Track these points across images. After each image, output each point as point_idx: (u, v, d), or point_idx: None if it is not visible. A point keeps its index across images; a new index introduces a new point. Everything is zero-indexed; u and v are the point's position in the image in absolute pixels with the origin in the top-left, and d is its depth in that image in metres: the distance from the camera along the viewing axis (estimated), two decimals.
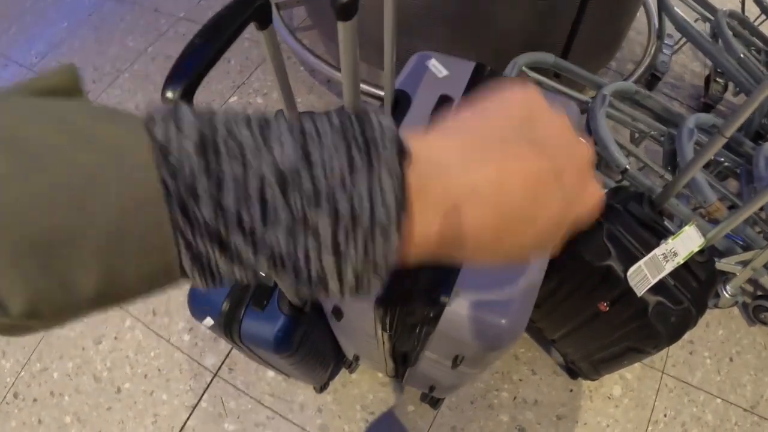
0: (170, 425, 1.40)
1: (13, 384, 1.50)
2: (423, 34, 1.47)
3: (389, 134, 0.24)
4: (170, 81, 0.45)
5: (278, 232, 0.22)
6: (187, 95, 0.46)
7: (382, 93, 1.71)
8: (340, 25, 0.56)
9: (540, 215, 0.26)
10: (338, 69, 1.78)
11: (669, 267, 0.98)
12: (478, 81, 0.86)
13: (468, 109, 0.28)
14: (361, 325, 0.85)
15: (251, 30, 2.03)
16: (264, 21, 0.55)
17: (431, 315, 0.69)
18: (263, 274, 0.24)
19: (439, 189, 0.25)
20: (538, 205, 0.26)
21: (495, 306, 0.67)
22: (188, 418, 1.40)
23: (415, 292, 0.69)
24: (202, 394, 1.43)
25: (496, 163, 0.25)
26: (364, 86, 1.72)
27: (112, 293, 0.22)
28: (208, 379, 1.45)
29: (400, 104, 0.83)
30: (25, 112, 0.21)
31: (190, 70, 0.45)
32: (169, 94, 0.45)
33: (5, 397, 1.48)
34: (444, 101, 0.82)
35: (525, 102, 0.27)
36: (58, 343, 1.55)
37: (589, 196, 0.28)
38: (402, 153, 0.24)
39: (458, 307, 0.68)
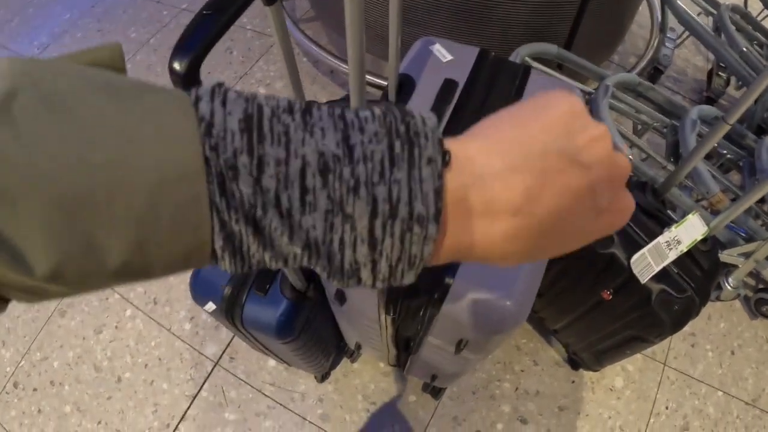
0: (170, 414, 1.40)
1: (12, 373, 1.50)
2: (425, 23, 1.46)
3: (431, 127, 0.24)
4: (177, 52, 0.45)
5: (315, 217, 0.22)
6: (194, 67, 0.45)
7: (383, 82, 1.71)
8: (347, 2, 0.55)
9: (572, 229, 0.27)
10: (342, 60, 1.78)
11: (672, 255, 0.97)
12: (482, 66, 0.86)
13: (508, 114, 0.27)
14: (364, 310, 0.85)
15: (254, 20, 2.04)
16: None
17: (435, 297, 0.68)
18: (293, 262, 0.24)
19: (474, 195, 0.25)
20: (572, 219, 0.26)
21: (500, 288, 0.67)
22: (188, 408, 1.40)
23: (420, 274, 0.68)
24: (203, 384, 1.43)
25: (535, 176, 0.25)
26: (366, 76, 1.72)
27: (139, 265, 0.21)
28: (209, 369, 1.45)
29: (405, 88, 0.83)
30: (69, 71, 0.21)
31: (197, 41, 0.45)
32: (176, 65, 0.45)
33: (5, 386, 1.48)
34: (448, 85, 0.82)
35: (566, 111, 0.27)
36: (58, 332, 1.54)
37: (621, 208, 0.28)
38: (442, 150, 0.24)
39: (462, 289, 0.67)
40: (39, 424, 1.41)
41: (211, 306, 0.94)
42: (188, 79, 0.45)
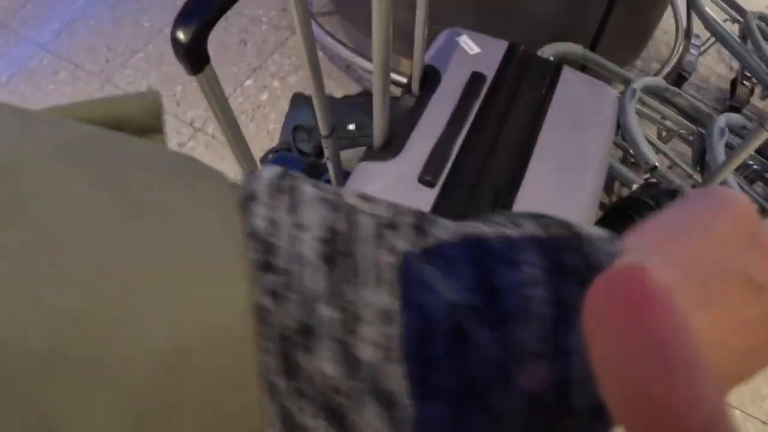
0: None
1: None
2: (448, 20, 1.42)
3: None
4: (182, 18, 0.40)
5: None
6: (200, 38, 0.40)
7: (401, 78, 1.66)
8: None
9: (749, 369, 0.20)
10: (359, 53, 1.74)
11: None
12: (511, 60, 0.82)
13: (673, 221, 0.20)
14: None
15: (270, 13, 1.99)
16: None
17: None
18: None
19: None
20: (749, 358, 0.20)
21: None
22: None
23: None
24: None
25: (714, 310, 0.18)
26: None
27: None
28: None
29: (429, 80, 0.79)
30: (74, 147, 0.14)
31: (204, 8, 0.40)
32: (180, 35, 0.40)
33: None
34: (476, 79, 0.78)
35: (742, 222, 0.20)
36: None
37: None
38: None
39: None
40: None
41: None
42: (193, 53, 0.39)
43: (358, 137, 1.31)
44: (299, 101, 1.58)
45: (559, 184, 0.70)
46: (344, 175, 0.77)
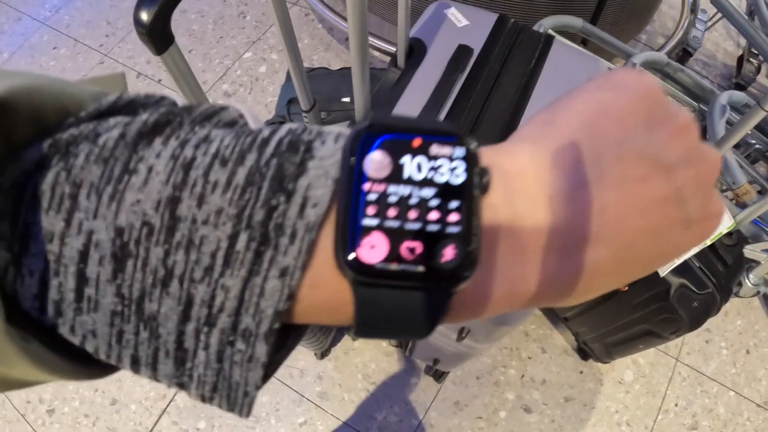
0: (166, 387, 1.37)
1: None
2: None
3: (310, 222, 0.16)
4: (144, 0, 0.40)
5: (96, 319, 0.16)
6: (163, 15, 0.40)
7: (393, 49, 1.64)
8: None
9: (658, 249, 0.20)
10: None
11: (695, 248, 0.92)
12: (500, 33, 0.80)
13: (569, 104, 0.20)
14: None
15: None
16: None
17: None
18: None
19: (530, 227, 0.18)
20: (658, 238, 0.19)
21: None
22: None
23: None
24: None
25: (611, 191, 0.18)
26: (376, 41, 1.66)
27: None
28: None
29: (415, 53, 0.77)
30: None
31: None
32: (143, 16, 0.39)
33: None
34: (462, 51, 0.76)
35: (644, 97, 0.20)
36: None
37: (713, 214, 0.21)
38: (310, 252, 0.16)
39: None
40: (36, 390, 1.40)
41: None
42: (156, 33, 0.39)
43: (353, 110, 1.30)
44: None
45: None
46: None
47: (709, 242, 0.92)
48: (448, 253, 0.16)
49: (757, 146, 1.49)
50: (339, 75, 1.39)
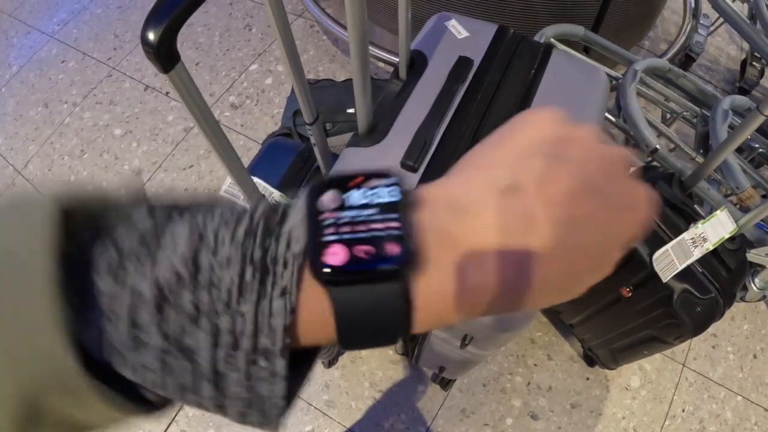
0: None
1: None
2: (448, 1, 1.41)
3: (295, 252, 0.21)
4: (151, 19, 0.41)
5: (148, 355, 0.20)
6: (169, 37, 0.42)
7: (396, 59, 1.66)
8: None
9: (598, 238, 0.23)
10: None
11: (697, 253, 0.92)
12: (500, 43, 0.81)
13: (488, 140, 0.25)
14: None
15: None
16: None
17: None
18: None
19: (461, 238, 0.21)
20: (590, 225, 0.22)
21: None
22: None
23: None
24: None
25: (527, 191, 0.22)
26: (380, 52, 1.67)
27: None
28: None
29: (416, 65, 0.78)
30: None
31: (172, 8, 0.41)
32: (151, 35, 0.41)
33: None
34: (462, 63, 0.77)
35: (547, 120, 0.25)
36: None
37: (636, 199, 0.24)
38: (312, 267, 0.20)
39: None
40: None
41: None
42: (163, 52, 0.41)
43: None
44: None
45: None
46: (335, 159, 0.78)
47: (711, 247, 0.93)
48: (394, 249, 0.20)
49: (761, 150, 1.49)
50: (344, 86, 1.41)
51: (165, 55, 0.42)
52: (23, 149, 1.88)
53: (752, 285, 1.39)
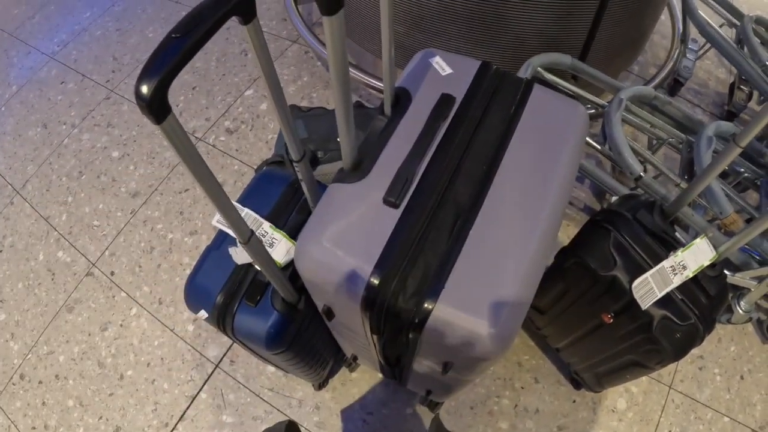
0: (170, 414, 1.40)
1: (20, 366, 1.52)
2: (437, 31, 1.44)
3: None
4: (144, 76, 0.44)
5: None
6: (160, 92, 0.45)
7: None
8: (326, 20, 0.54)
9: None
10: (353, 66, 1.77)
11: (677, 280, 0.94)
12: (482, 80, 0.84)
13: None
14: (352, 326, 0.84)
15: (270, 23, 2.03)
16: (247, 15, 0.54)
17: (416, 320, 0.67)
18: None
19: None
20: None
21: (483, 315, 0.65)
22: (187, 408, 1.41)
23: (402, 296, 0.67)
24: (203, 385, 1.44)
25: None
26: (371, 80, 1.71)
27: None
28: (210, 371, 1.46)
29: (401, 101, 0.81)
30: None
31: (164, 65, 0.44)
32: (144, 89, 0.44)
33: (12, 378, 1.50)
34: (445, 100, 0.80)
35: None
36: (65, 327, 1.57)
37: None
38: None
39: (445, 314, 0.66)
40: (42, 416, 1.43)
41: (203, 314, 0.94)
42: (155, 105, 0.44)
43: None
44: (294, 113, 1.62)
45: (521, 204, 0.72)
46: (323, 190, 0.80)
47: (691, 275, 0.95)
48: None
49: (746, 174, 1.52)
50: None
51: (158, 108, 0.45)
52: (22, 169, 1.91)
53: (738, 308, 1.41)
